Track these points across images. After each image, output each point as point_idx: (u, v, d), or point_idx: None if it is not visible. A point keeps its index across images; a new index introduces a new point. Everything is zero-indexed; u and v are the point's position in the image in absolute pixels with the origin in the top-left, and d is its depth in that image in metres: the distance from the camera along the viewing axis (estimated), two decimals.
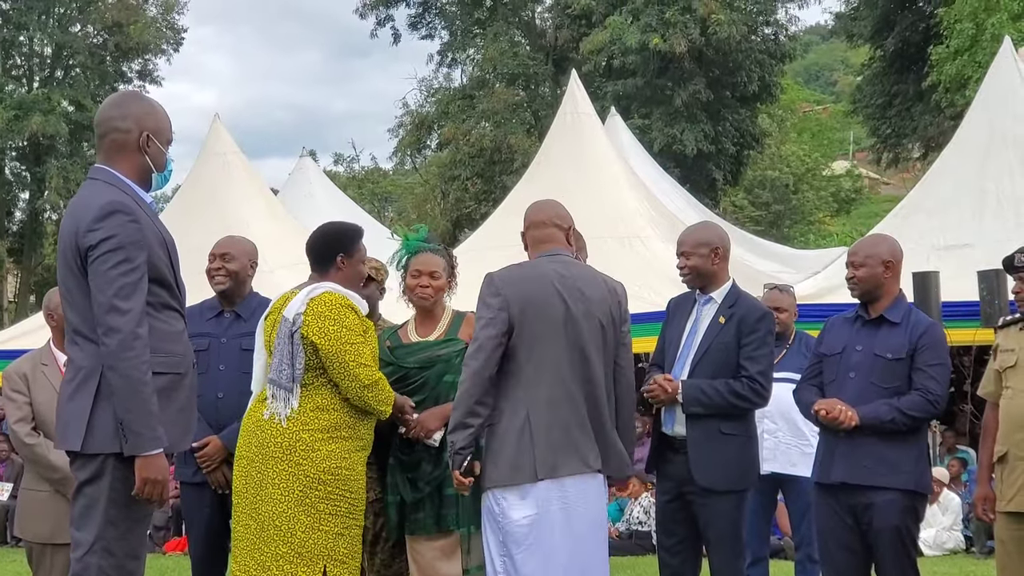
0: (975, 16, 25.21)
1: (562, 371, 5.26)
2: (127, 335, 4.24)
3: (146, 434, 4.26)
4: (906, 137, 35.53)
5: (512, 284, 5.31)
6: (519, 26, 39.72)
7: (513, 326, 5.23)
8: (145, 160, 4.57)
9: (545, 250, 5.50)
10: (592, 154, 16.70)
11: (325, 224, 5.97)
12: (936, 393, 5.69)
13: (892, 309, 5.89)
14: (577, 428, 5.26)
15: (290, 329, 5.39)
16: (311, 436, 5.36)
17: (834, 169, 55.61)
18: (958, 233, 13.75)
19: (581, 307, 5.32)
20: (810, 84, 79.41)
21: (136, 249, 4.33)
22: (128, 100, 4.74)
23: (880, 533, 5.72)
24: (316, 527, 5.33)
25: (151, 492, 4.31)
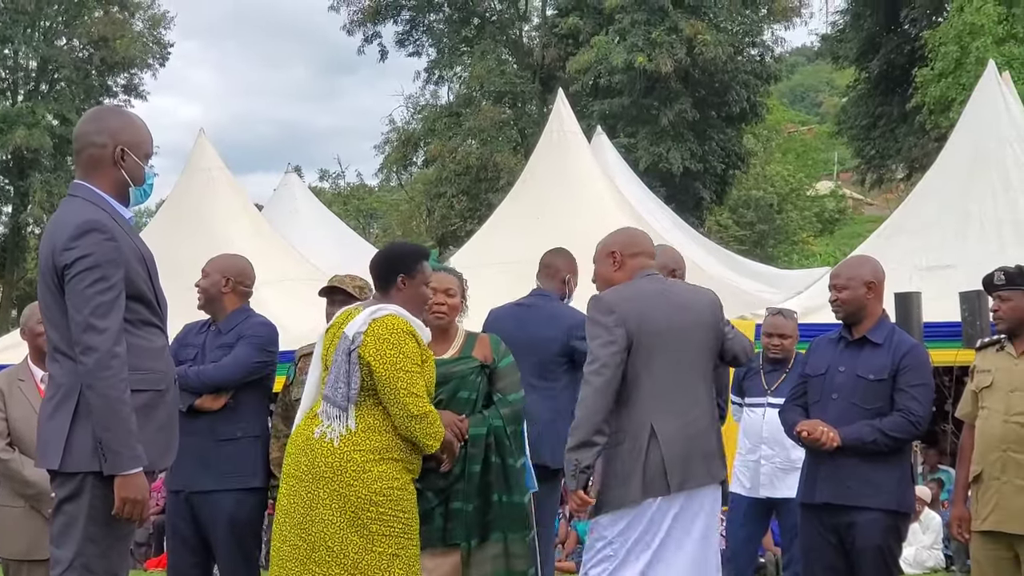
0: (960, 39, 25.34)
1: (681, 383, 5.33)
2: (104, 354, 4.23)
3: (125, 453, 4.24)
4: (890, 158, 35.70)
5: (625, 301, 5.34)
6: (506, 44, 39.84)
7: (632, 342, 5.25)
8: (122, 174, 4.54)
9: (641, 272, 5.57)
10: (577, 172, 16.72)
11: (389, 244, 6.00)
12: (918, 414, 5.71)
13: (875, 330, 5.91)
14: (701, 440, 5.34)
15: (349, 347, 5.28)
16: (362, 457, 5.23)
17: (818, 189, 55.81)
18: (941, 254, 13.78)
19: (688, 318, 5.41)
20: (795, 105, 79.71)
21: (112, 267, 4.32)
22: (104, 115, 4.75)
23: (863, 552, 5.75)
24: (369, 548, 5.19)
25: (130, 511, 4.29)
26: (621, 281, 5.53)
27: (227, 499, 6.41)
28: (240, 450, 6.46)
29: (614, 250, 5.61)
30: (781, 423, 6.21)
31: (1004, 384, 5.89)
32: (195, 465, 6.34)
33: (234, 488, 6.43)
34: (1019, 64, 23.94)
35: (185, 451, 6.29)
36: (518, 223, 14.88)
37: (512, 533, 5.82)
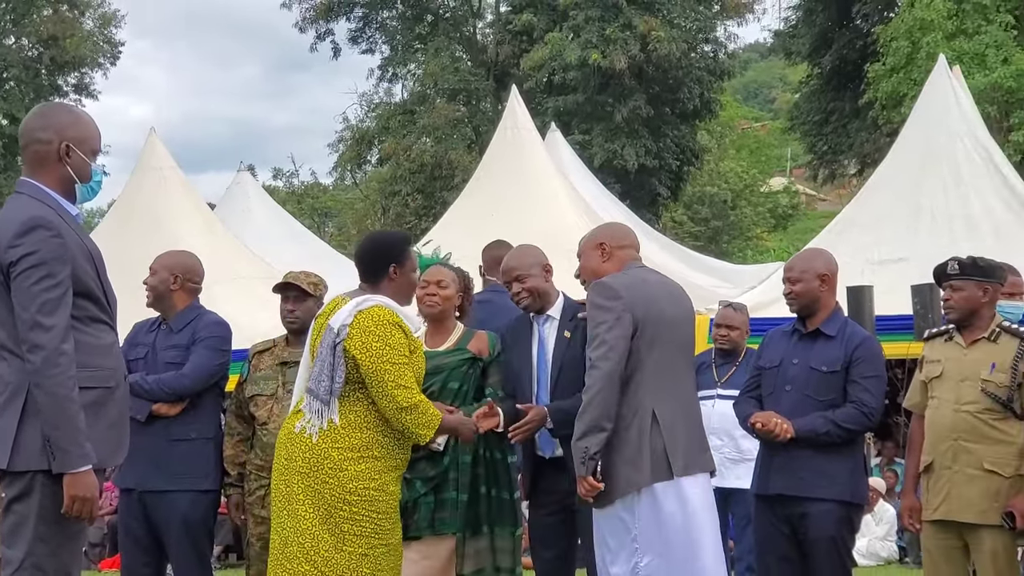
0: (911, 35, 25.50)
1: (679, 371, 5.42)
2: (51, 352, 4.19)
3: (73, 451, 4.20)
4: (842, 154, 35.89)
5: (629, 288, 5.35)
6: (460, 41, 39.78)
7: (637, 327, 5.26)
8: (67, 171, 4.49)
9: (631, 264, 5.61)
10: (532, 169, 16.72)
11: (373, 233, 5.95)
12: (871, 406, 5.79)
13: (828, 323, 5.98)
14: (698, 427, 5.47)
15: (334, 340, 5.22)
16: (340, 454, 5.17)
17: (772, 185, 56.02)
18: (892, 248, 13.87)
19: (682, 309, 5.54)
20: (749, 101, 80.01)
21: (59, 264, 4.28)
22: (50, 111, 4.69)
23: (816, 543, 5.81)
24: (339, 547, 5.15)
25: (80, 509, 4.25)
26: (609, 272, 5.52)
27: (180, 499, 6.38)
28: (194, 451, 6.43)
29: (602, 241, 5.64)
30: (735, 414, 6.24)
31: (954, 374, 5.93)
32: (148, 465, 6.32)
33: (187, 489, 6.39)
34: (969, 59, 24.12)
35: (139, 451, 6.29)
36: (472, 221, 14.86)
37: (499, 528, 5.83)
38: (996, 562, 5.75)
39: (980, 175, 14.59)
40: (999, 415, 5.77)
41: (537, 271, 6.11)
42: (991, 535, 5.75)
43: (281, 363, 6.48)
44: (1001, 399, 5.73)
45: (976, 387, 5.82)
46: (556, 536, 6.12)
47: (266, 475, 6.26)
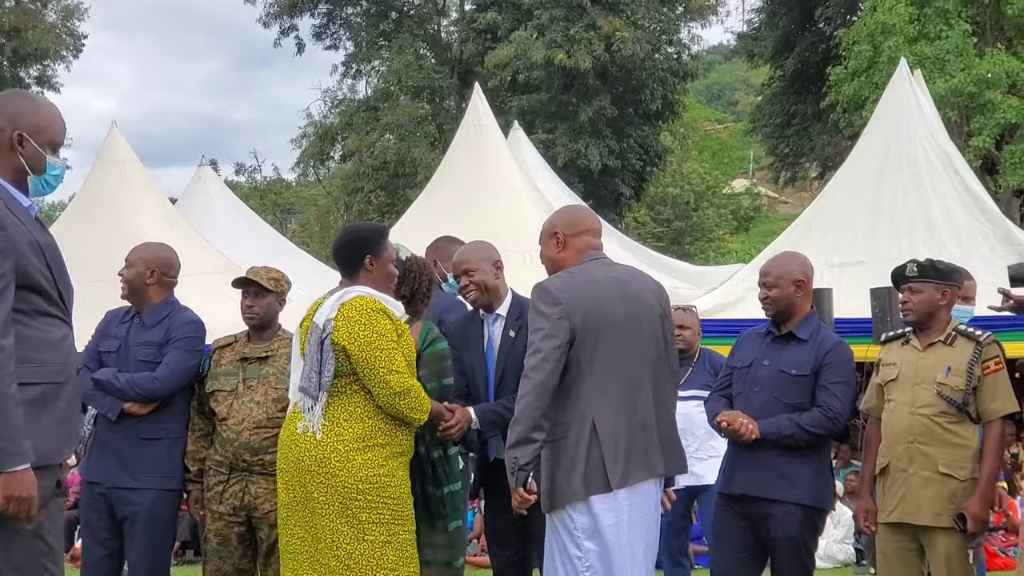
0: (873, 38, 25.64)
1: (625, 375, 5.14)
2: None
3: (7, 448, 4.03)
4: (803, 156, 36.11)
5: (569, 291, 5.14)
6: (425, 39, 39.73)
7: (575, 335, 5.06)
8: (19, 161, 4.34)
9: (589, 255, 5.39)
10: (494, 168, 16.72)
11: (349, 226, 5.92)
12: (836, 410, 5.81)
13: (801, 327, 6.02)
14: (643, 433, 5.14)
15: (320, 336, 5.22)
16: (345, 447, 5.19)
17: (734, 187, 56.33)
18: (852, 251, 13.96)
19: (637, 308, 5.24)
20: (712, 103, 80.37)
21: (1, 257, 4.12)
22: (8, 98, 4.50)
23: (777, 543, 5.85)
24: (360, 538, 5.16)
25: (16, 509, 4.08)
26: (567, 261, 5.38)
27: (145, 497, 6.32)
28: (162, 450, 6.37)
29: (556, 230, 5.43)
30: (706, 412, 6.27)
31: (910, 377, 5.98)
32: (116, 462, 6.30)
33: (153, 487, 6.34)
34: (930, 63, 24.28)
35: (107, 447, 6.28)
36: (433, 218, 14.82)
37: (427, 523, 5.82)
38: (950, 564, 5.79)
39: (940, 179, 14.70)
40: (954, 418, 5.82)
41: (487, 266, 6.13)
42: (945, 537, 5.79)
43: (242, 359, 6.44)
44: (956, 402, 5.78)
45: (932, 390, 5.86)
46: (511, 536, 6.16)
47: (224, 470, 6.26)
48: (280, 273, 6.61)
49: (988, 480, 5.80)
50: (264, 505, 6.14)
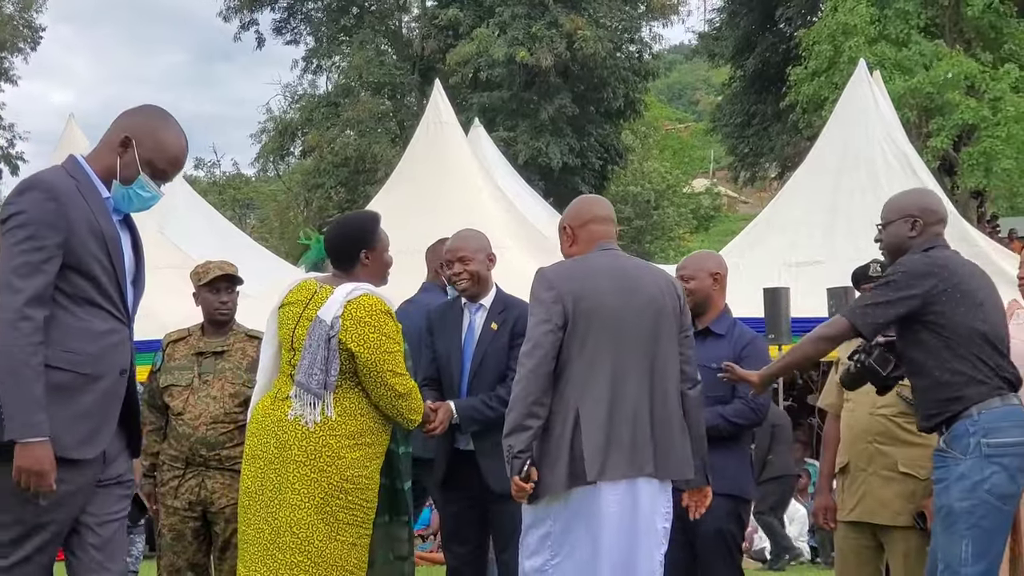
0: (833, 39, 25.79)
1: (617, 368, 4.98)
2: (14, 313, 3.97)
3: (19, 419, 3.97)
4: (763, 156, 36.26)
5: (566, 279, 5.06)
6: (386, 35, 39.62)
7: (568, 321, 4.96)
8: (115, 163, 4.28)
9: (598, 245, 5.27)
10: (454, 165, 16.70)
11: (342, 218, 5.81)
12: (759, 401, 5.90)
13: (718, 322, 6.12)
14: (630, 427, 4.95)
15: (327, 333, 5.11)
16: (337, 442, 5.11)
17: (694, 186, 56.45)
18: (809, 251, 14.05)
19: (639, 300, 5.08)
20: (673, 102, 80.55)
21: (47, 229, 4.05)
22: (143, 110, 4.45)
23: (704, 536, 5.87)
24: (334, 537, 5.10)
25: (27, 482, 4.00)
26: (579, 255, 5.29)
27: None
28: None
29: (565, 224, 5.35)
30: None
31: None
32: None
33: None
34: (890, 64, 24.44)
35: None
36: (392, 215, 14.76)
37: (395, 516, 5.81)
38: (908, 562, 5.81)
39: (898, 180, 14.77)
40: (913, 418, 5.83)
41: (482, 257, 6.13)
42: (905, 536, 5.82)
43: (196, 353, 6.39)
44: (908, 398, 5.80)
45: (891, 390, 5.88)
46: (468, 531, 6.14)
47: (180, 465, 6.21)
48: (234, 267, 6.59)
49: None
50: (220, 500, 6.11)
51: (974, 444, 5.07)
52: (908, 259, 5.28)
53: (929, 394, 5.22)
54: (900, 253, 5.37)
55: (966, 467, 5.07)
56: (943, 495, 5.15)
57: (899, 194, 5.64)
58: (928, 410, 5.25)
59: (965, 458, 5.07)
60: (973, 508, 5.04)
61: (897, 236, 5.40)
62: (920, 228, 5.35)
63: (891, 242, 5.45)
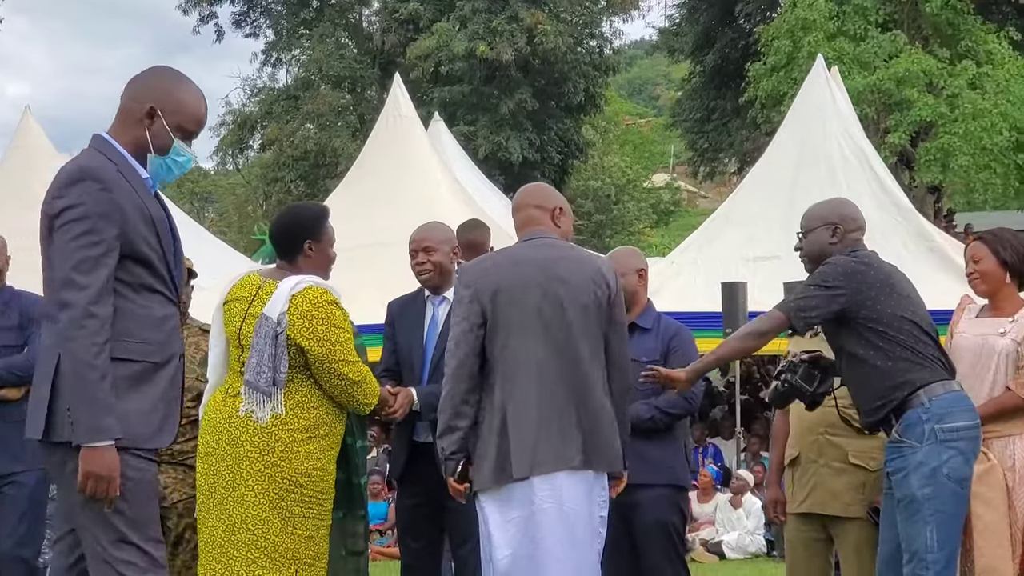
0: (792, 34, 25.87)
1: (541, 362, 4.96)
2: (79, 312, 3.87)
3: (88, 423, 3.88)
4: (723, 151, 36.39)
5: (483, 274, 5.07)
6: (346, 28, 39.49)
7: (486, 318, 4.98)
8: (144, 135, 4.19)
9: (526, 234, 5.24)
10: (413, 159, 16.64)
11: (289, 208, 5.78)
12: (692, 390, 5.95)
13: (643, 316, 6.26)
14: (557, 422, 4.93)
15: (274, 330, 5.03)
16: (290, 436, 5.06)
17: (654, 181, 56.63)
18: (767, 245, 14.06)
19: (561, 291, 5.01)
20: (633, 97, 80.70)
21: (103, 221, 3.96)
22: (153, 71, 4.35)
23: (647, 529, 5.97)
24: (290, 531, 5.05)
25: (94, 488, 3.91)
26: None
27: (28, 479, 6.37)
28: None
29: (512, 210, 5.39)
30: None
31: None
32: None
33: (35, 468, 6.35)
34: (849, 60, 24.56)
35: None
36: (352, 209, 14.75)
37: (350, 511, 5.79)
38: (860, 554, 5.86)
39: (855, 175, 14.89)
40: None
41: (446, 248, 6.11)
42: (856, 528, 5.86)
43: None
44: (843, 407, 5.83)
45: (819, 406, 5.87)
46: (423, 526, 6.11)
47: None
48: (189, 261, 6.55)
49: None
50: (173, 495, 6.06)
51: (928, 431, 5.17)
52: (836, 258, 5.42)
53: (874, 384, 5.32)
54: (821, 260, 5.50)
55: (923, 454, 5.16)
56: (903, 485, 5.23)
57: (817, 204, 5.79)
58: (873, 403, 5.34)
59: (921, 445, 5.17)
60: (935, 494, 5.14)
61: (818, 243, 5.57)
62: (841, 235, 5.53)
63: (812, 249, 5.60)
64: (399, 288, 6.84)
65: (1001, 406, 5.55)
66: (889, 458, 5.34)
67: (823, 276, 5.34)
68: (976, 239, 5.98)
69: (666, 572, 6.11)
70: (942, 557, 5.14)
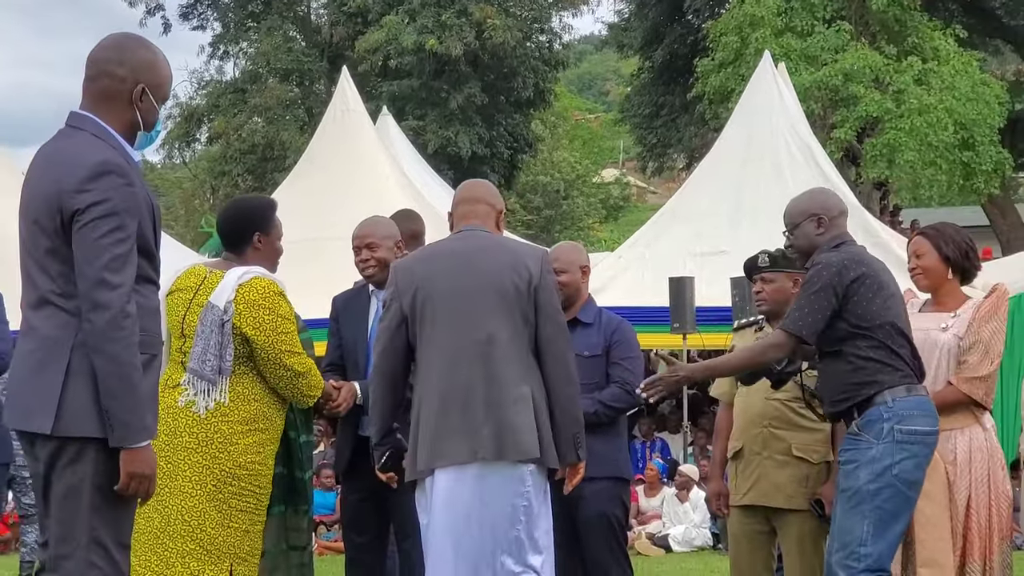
0: (740, 30, 25.95)
1: (453, 353, 4.96)
2: (117, 313, 3.82)
3: (134, 424, 3.86)
4: (671, 147, 36.45)
5: (404, 270, 5.13)
6: (294, 21, 39.25)
7: (407, 315, 5.03)
8: (135, 115, 4.10)
9: (460, 227, 5.28)
10: (361, 153, 16.58)
11: (237, 199, 5.76)
12: (632, 384, 6.06)
13: (584, 311, 6.32)
14: (462, 413, 4.90)
15: (220, 319, 5.04)
16: (230, 428, 5.07)
17: (604, 177, 56.79)
18: (714, 240, 14.14)
19: (474, 281, 5.02)
20: (583, 93, 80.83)
21: (129, 216, 3.90)
22: (128, 43, 4.20)
23: (590, 522, 6.03)
24: (226, 524, 5.05)
25: (137, 487, 3.92)
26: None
27: None
28: None
29: (449, 211, 5.40)
30: None
31: None
32: None
33: None
34: (796, 56, 24.67)
35: None
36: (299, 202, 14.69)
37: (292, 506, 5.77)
38: (802, 546, 5.92)
39: (801, 171, 14.97)
40: None
41: (390, 244, 6.13)
42: (799, 520, 5.91)
43: None
44: (809, 388, 5.90)
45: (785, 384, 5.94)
46: (368, 520, 6.12)
47: None
48: None
49: None
50: None
51: (887, 429, 5.22)
52: (823, 257, 5.43)
53: (841, 378, 5.37)
54: (811, 251, 5.56)
55: (878, 451, 5.21)
56: (850, 477, 5.28)
57: (796, 198, 5.81)
58: (838, 395, 5.39)
59: (878, 443, 5.22)
60: (879, 490, 5.19)
61: (806, 236, 5.60)
62: (826, 225, 5.57)
63: (801, 243, 5.64)
64: (346, 282, 6.82)
65: (943, 401, 5.60)
66: (843, 448, 5.40)
67: (815, 281, 5.35)
68: (919, 234, 6.04)
69: (608, 564, 6.15)
70: (874, 551, 5.17)
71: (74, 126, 4.10)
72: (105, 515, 3.95)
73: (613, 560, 6.16)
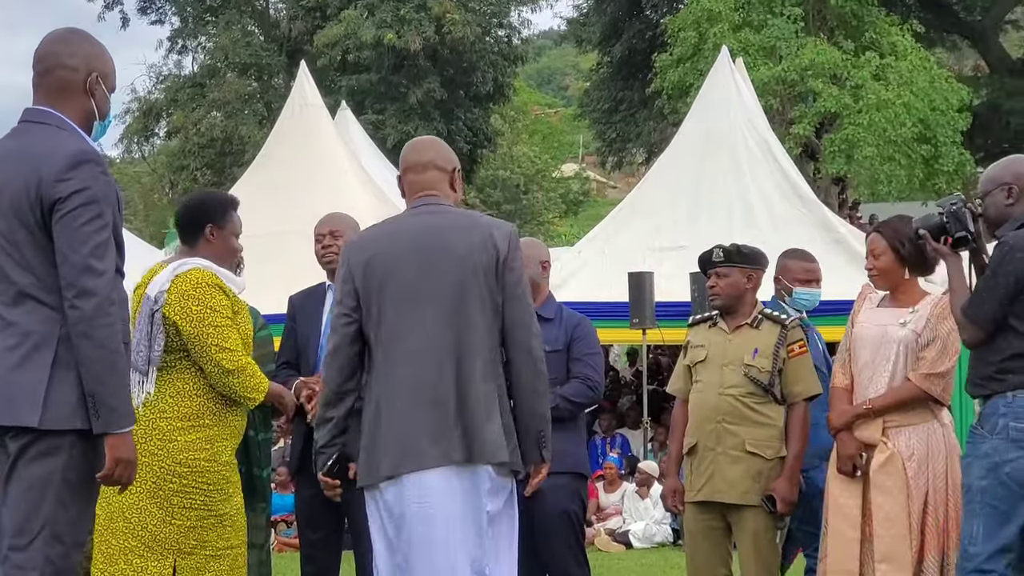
0: (698, 25, 26.03)
1: (418, 346, 4.51)
2: (103, 299, 3.84)
3: (120, 408, 3.88)
4: (630, 142, 36.53)
5: (359, 250, 4.64)
6: (252, 15, 39.06)
7: (360, 299, 4.56)
8: (91, 104, 4.15)
9: (415, 200, 4.74)
10: (320, 148, 16.50)
11: (195, 192, 5.74)
12: (594, 379, 6.17)
13: (545, 306, 6.29)
14: (431, 412, 4.48)
15: (151, 308, 5.01)
16: (168, 425, 5.00)
17: (563, 171, 56.82)
18: (673, 235, 14.15)
19: (443, 264, 4.54)
20: (542, 87, 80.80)
21: (107, 205, 3.95)
22: (75, 36, 4.26)
23: (549, 518, 6.03)
24: (168, 521, 4.99)
25: (121, 473, 3.92)
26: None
27: None
28: None
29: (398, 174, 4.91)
30: None
31: (718, 358, 6.10)
32: None
33: None
34: (754, 50, 24.76)
35: None
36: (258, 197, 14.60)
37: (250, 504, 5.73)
38: (757, 541, 5.96)
39: (759, 166, 15.01)
40: (760, 399, 5.98)
41: (352, 235, 6.07)
42: (753, 515, 5.95)
43: None
44: (763, 384, 5.93)
45: (739, 371, 6.00)
46: (322, 517, 6.03)
47: None
48: None
49: (795, 460, 5.98)
50: None
51: (1002, 425, 5.17)
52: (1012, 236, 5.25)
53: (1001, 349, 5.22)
54: (1001, 222, 5.39)
55: (990, 446, 5.18)
56: (966, 473, 5.29)
57: (992, 166, 5.62)
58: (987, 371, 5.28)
59: (991, 437, 5.18)
60: (991, 488, 5.14)
61: (995, 206, 5.42)
62: (1017, 194, 5.37)
63: (990, 213, 5.45)
64: (305, 277, 6.78)
65: (900, 397, 5.63)
66: (966, 443, 5.39)
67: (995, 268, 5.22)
68: (875, 230, 6.04)
69: (566, 559, 6.18)
70: (984, 551, 5.13)
71: (34, 121, 4.12)
72: (69, 511, 3.95)
73: (571, 555, 6.19)
